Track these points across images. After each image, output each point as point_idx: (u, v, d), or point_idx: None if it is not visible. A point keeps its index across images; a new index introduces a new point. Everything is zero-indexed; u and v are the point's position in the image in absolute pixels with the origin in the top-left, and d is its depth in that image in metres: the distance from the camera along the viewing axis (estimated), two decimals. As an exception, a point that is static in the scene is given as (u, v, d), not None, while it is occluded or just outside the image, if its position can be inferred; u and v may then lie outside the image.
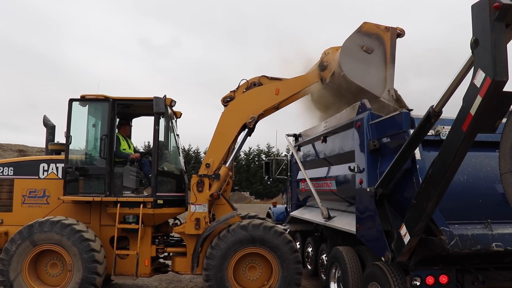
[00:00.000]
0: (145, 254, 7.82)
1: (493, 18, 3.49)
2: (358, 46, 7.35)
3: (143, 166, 8.29)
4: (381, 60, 7.37)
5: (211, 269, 7.25)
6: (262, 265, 7.55)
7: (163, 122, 8.27)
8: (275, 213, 13.25)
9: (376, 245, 5.86)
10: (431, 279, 5.20)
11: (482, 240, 4.83)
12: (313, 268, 9.74)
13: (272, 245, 7.34)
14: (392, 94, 7.21)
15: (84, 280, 7.15)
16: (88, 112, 8.05)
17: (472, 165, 5.44)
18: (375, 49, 7.35)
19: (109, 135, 7.78)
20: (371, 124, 6.37)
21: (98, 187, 7.77)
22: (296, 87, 8.13)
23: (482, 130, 3.87)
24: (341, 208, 7.96)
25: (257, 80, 8.28)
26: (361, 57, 7.31)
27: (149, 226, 7.93)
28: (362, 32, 7.43)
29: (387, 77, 7.28)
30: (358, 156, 6.59)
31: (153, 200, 7.67)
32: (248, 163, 69.82)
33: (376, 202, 5.76)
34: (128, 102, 8.21)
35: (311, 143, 9.75)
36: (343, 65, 7.23)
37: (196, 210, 7.64)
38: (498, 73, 3.45)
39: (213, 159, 7.90)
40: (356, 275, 6.71)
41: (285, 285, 7.31)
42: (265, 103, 8.07)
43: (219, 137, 8.04)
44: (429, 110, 4.52)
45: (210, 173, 7.81)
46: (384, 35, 7.42)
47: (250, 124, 7.98)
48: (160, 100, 7.68)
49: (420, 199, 4.62)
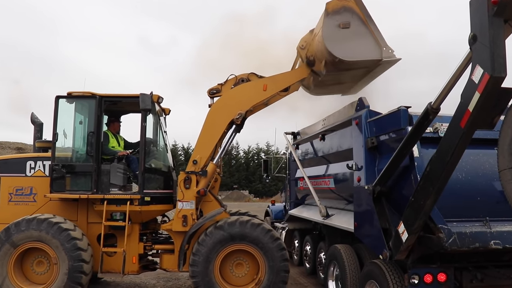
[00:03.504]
0: (132, 251, 7.78)
1: (492, 14, 3.45)
2: (335, 27, 7.22)
3: (131, 163, 8.24)
4: (362, 27, 7.25)
5: (197, 265, 7.22)
6: (249, 260, 7.49)
7: (151, 119, 8.24)
8: (274, 211, 13.22)
9: (374, 243, 5.84)
10: (429, 277, 5.17)
11: (481, 238, 4.80)
12: (312, 266, 9.71)
13: (253, 238, 7.28)
14: (390, 49, 7.11)
15: (70, 279, 7.12)
16: (75, 109, 7.99)
17: (471, 163, 5.41)
18: (350, 20, 7.24)
19: (96, 132, 7.75)
20: (369, 121, 6.34)
21: (85, 185, 7.72)
22: (283, 83, 8.05)
23: (480, 126, 3.83)
24: (339, 206, 7.94)
25: (246, 77, 8.22)
26: (344, 35, 7.18)
27: (137, 223, 7.89)
28: (330, 12, 7.30)
29: (376, 37, 7.18)
30: (356, 154, 6.56)
31: (140, 197, 7.63)
32: (247, 162, 69.93)
33: (374, 200, 5.73)
34: (115, 99, 8.16)
35: (309, 141, 9.74)
36: (333, 51, 7.09)
37: (183, 207, 7.60)
38: (496, 69, 3.41)
39: (200, 155, 7.85)
40: (354, 273, 6.68)
41: (273, 274, 7.25)
42: (253, 99, 8.00)
43: (206, 133, 7.98)
44: (427, 107, 4.49)
45: (197, 170, 7.76)
46: (349, 3, 7.31)
47: (237, 120, 7.90)
48: (146, 96, 7.64)
49: (418, 197, 4.58)
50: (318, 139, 8.71)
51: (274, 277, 7.26)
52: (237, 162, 69.32)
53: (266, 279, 7.29)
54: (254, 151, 71.62)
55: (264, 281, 7.31)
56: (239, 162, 69.55)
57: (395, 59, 7.07)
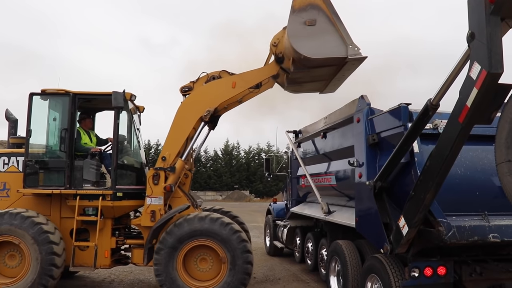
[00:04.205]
0: (104, 245, 7.91)
1: (489, 12, 3.56)
2: (300, 24, 7.29)
3: (104, 159, 8.40)
4: (328, 24, 7.32)
5: (160, 263, 7.29)
6: (212, 255, 7.52)
7: (124, 116, 8.39)
8: (275, 209, 13.32)
9: (375, 237, 5.95)
10: (429, 271, 5.30)
11: (479, 231, 4.91)
12: (313, 263, 9.82)
13: (218, 235, 7.32)
14: (356, 47, 7.17)
15: (42, 271, 7.25)
16: (49, 106, 8.13)
17: (470, 159, 5.53)
18: (316, 17, 7.31)
19: (69, 129, 7.88)
20: (370, 118, 6.46)
21: (58, 180, 7.86)
22: (253, 81, 8.15)
23: (478, 121, 3.94)
24: (340, 203, 8.05)
25: (217, 74, 8.34)
26: (309, 32, 7.26)
27: (109, 218, 8.01)
28: (296, 9, 7.37)
29: (342, 35, 7.24)
30: (358, 151, 6.68)
31: (112, 192, 7.78)
32: (248, 162, 69.90)
33: (375, 195, 5.85)
34: (89, 96, 8.31)
35: (311, 139, 9.85)
36: (298, 49, 7.18)
37: (151, 202, 7.74)
38: (493, 66, 3.52)
39: (169, 152, 7.98)
40: (356, 268, 6.79)
41: (235, 274, 7.27)
42: (221, 96, 8.12)
43: (175, 130, 8.10)
44: (426, 103, 4.62)
45: (166, 166, 7.88)
46: (316, 1, 7.39)
47: (205, 117, 7.99)
48: (118, 94, 7.78)
49: (418, 191, 4.70)
50: (320, 137, 8.83)
51: (236, 269, 7.26)
52: (237, 163, 69.31)
53: (228, 272, 7.30)
54: (255, 151, 71.59)
55: (226, 273, 7.31)
56: (239, 162, 69.53)
57: (362, 57, 7.13)
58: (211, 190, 63.53)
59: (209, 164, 70.36)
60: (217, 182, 65.96)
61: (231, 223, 7.51)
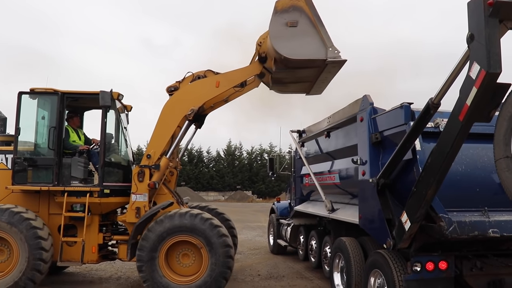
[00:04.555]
0: (92, 241, 8.11)
1: (487, 14, 3.73)
2: (282, 25, 7.44)
3: (92, 157, 8.60)
4: (310, 26, 7.45)
5: (142, 260, 7.41)
6: (194, 250, 7.64)
7: (112, 115, 8.60)
8: (279, 208, 13.47)
9: (378, 233, 6.11)
10: (431, 265, 5.44)
11: (480, 226, 5.07)
12: (317, 260, 9.96)
13: (198, 230, 7.44)
14: (336, 50, 7.28)
15: (29, 266, 7.44)
16: (38, 105, 8.34)
17: (470, 156, 5.69)
18: (298, 19, 7.45)
19: (57, 127, 8.10)
20: (373, 118, 6.62)
21: (46, 177, 8.07)
22: (236, 80, 8.31)
23: (477, 119, 4.11)
24: (344, 201, 8.21)
25: (202, 74, 8.49)
26: (291, 34, 7.40)
27: (96, 214, 8.21)
28: (279, 10, 7.52)
29: (322, 37, 7.37)
30: (361, 149, 6.84)
31: (99, 189, 7.99)
32: (250, 162, 70.03)
33: (378, 192, 6.02)
34: (77, 95, 8.54)
35: (314, 138, 10.01)
36: (278, 49, 7.31)
37: (136, 199, 7.94)
38: (492, 66, 3.69)
39: (154, 150, 8.16)
40: (359, 264, 6.93)
41: (217, 268, 7.39)
42: (206, 95, 8.28)
43: (159, 129, 8.28)
44: (428, 102, 4.78)
45: (150, 164, 8.08)
46: (299, 3, 7.52)
47: (189, 116, 8.16)
48: (106, 94, 7.99)
49: (420, 187, 4.87)
50: (324, 136, 8.99)
51: (217, 264, 7.37)
52: (240, 163, 69.44)
53: (209, 266, 7.41)
54: (257, 152, 71.67)
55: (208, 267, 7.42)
56: (242, 162, 69.67)
57: (341, 60, 7.25)
58: (213, 191, 63.70)
59: (211, 165, 70.56)
60: (219, 182, 66.11)
61: (211, 218, 7.62)
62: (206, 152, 71.40)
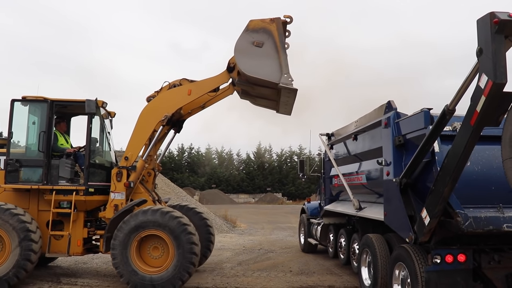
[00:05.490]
0: (77, 235, 8.91)
1: (494, 31, 4.22)
2: (249, 42, 8.04)
3: (78, 159, 9.44)
4: (273, 50, 8.01)
5: (115, 248, 8.13)
6: (163, 244, 8.30)
7: (97, 121, 9.39)
8: (309, 208, 13.97)
9: (401, 228, 6.60)
10: (450, 258, 5.89)
11: (494, 221, 5.50)
12: (346, 257, 10.43)
13: (168, 227, 8.12)
14: (290, 78, 7.77)
15: (21, 256, 8.23)
16: (29, 111, 9.18)
17: (486, 157, 6.13)
18: (264, 41, 8.02)
19: (47, 132, 8.93)
20: (396, 122, 7.12)
21: (36, 177, 8.88)
22: (206, 88, 8.98)
23: (487, 124, 4.58)
24: (370, 200, 8.69)
25: (178, 82, 9.24)
26: (254, 52, 8.00)
27: (82, 211, 9.01)
28: (249, 29, 8.12)
29: (281, 63, 7.90)
30: (386, 151, 7.34)
31: (85, 188, 8.82)
32: (280, 165, 70.49)
33: (401, 191, 6.51)
34: (65, 103, 9.39)
35: (343, 141, 10.51)
36: (238, 63, 7.99)
37: (115, 197, 8.78)
38: (498, 77, 4.18)
39: (131, 153, 8.97)
40: (385, 258, 7.41)
41: (183, 255, 8.02)
42: (178, 102, 9.02)
43: (136, 133, 9.07)
44: (444, 108, 5.27)
45: (128, 165, 8.87)
46: (270, 27, 8.10)
47: (163, 122, 8.91)
48: (91, 102, 8.86)
49: (438, 185, 5.36)
50: (351, 139, 9.49)
51: (183, 252, 7.99)
52: (270, 165, 70.00)
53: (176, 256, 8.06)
54: (287, 154, 72.13)
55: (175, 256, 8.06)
56: (272, 165, 70.20)
57: (292, 88, 7.74)
58: (243, 193, 64.42)
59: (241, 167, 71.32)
60: (249, 184, 66.83)
61: (180, 216, 8.29)
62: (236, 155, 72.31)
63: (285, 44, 8.19)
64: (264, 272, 10.38)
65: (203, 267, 10.65)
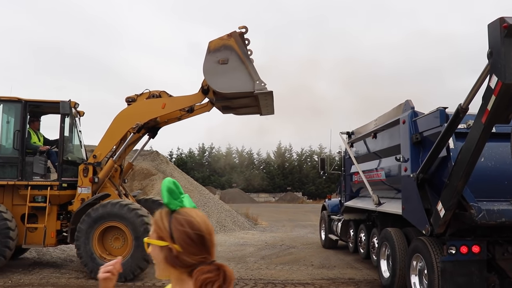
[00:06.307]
0: (51, 227, 9.40)
1: (503, 35, 4.55)
2: (214, 62, 8.49)
3: (51, 156, 10.00)
4: (239, 62, 8.42)
5: (79, 239, 8.69)
6: (124, 236, 8.82)
7: (68, 121, 9.89)
8: (330, 205, 14.31)
9: (418, 221, 6.93)
10: (465, 249, 6.20)
11: (507, 214, 5.82)
12: (365, 251, 10.76)
13: (125, 218, 8.64)
14: (263, 83, 8.18)
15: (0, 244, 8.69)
16: (3, 111, 9.70)
17: (500, 153, 6.42)
18: (228, 57, 8.43)
19: (21, 130, 9.45)
20: (414, 120, 7.45)
21: (12, 173, 9.34)
22: (180, 105, 9.52)
23: (497, 122, 4.92)
24: (389, 195, 9.02)
25: (158, 93, 9.73)
26: (222, 70, 8.44)
27: (55, 205, 9.49)
28: (212, 50, 8.55)
29: (250, 72, 8.32)
30: (404, 148, 7.67)
31: (58, 183, 9.34)
32: (300, 164, 70.61)
33: (418, 185, 6.85)
34: (38, 103, 9.90)
35: (363, 139, 10.84)
36: (211, 84, 8.47)
37: (82, 191, 9.36)
38: (507, 77, 4.51)
39: (100, 152, 9.59)
40: (403, 251, 7.73)
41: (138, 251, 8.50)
42: (151, 113, 9.53)
43: (108, 135, 9.66)
44: (458, 107, 5.60)
45: (94, 162, 9.45)
46: (230, 42, 8.49)
47: (133, 129, 9.42)
48: (65, 103, 9.42)
49: (452, 179, 5.69)
50: (371, 137, 9.83)
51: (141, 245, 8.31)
52: (290, 165, 70.18)
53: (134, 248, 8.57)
54: (307, 154, 72.18)
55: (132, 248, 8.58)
56: (292, 164, 70.38)
57: (267, 91, 8.18)
58: (264, 192, 64.76)
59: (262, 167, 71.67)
60: (270, 184, 67.11)
61: (138, 208, 8.84)
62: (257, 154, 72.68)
63: (248, 52, 8.66)
64: (286, 266, 10.78)
65: (227, 261, 11.10)
